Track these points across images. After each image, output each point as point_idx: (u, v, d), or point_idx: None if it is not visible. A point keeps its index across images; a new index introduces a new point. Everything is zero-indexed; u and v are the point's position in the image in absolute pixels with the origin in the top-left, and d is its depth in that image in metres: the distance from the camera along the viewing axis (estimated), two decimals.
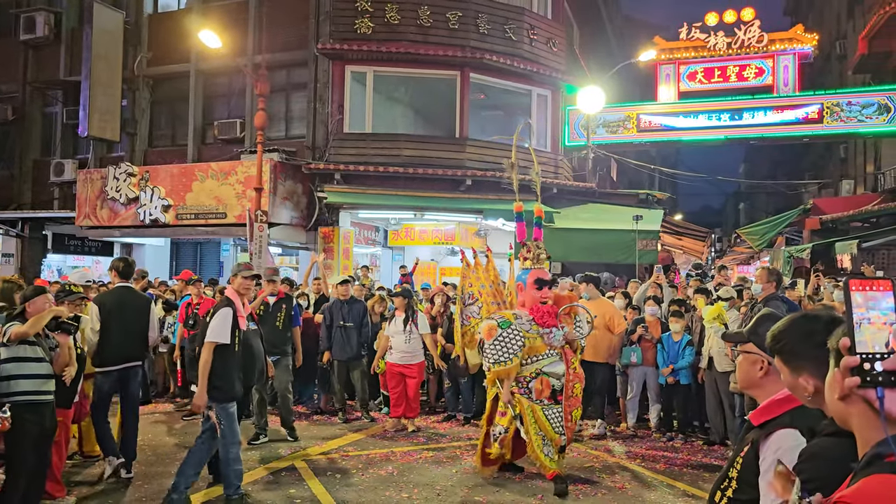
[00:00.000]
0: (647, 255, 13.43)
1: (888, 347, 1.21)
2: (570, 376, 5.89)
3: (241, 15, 15.80)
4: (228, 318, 5.55)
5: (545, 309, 5.97)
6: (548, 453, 5.81)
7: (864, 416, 1.37)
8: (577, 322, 6.29)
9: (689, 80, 17.90)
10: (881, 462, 1.27)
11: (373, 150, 14.63)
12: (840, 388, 1.38)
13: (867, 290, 1.26)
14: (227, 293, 5.83)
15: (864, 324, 1.24)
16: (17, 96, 17.97)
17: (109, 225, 15.06)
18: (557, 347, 5.97)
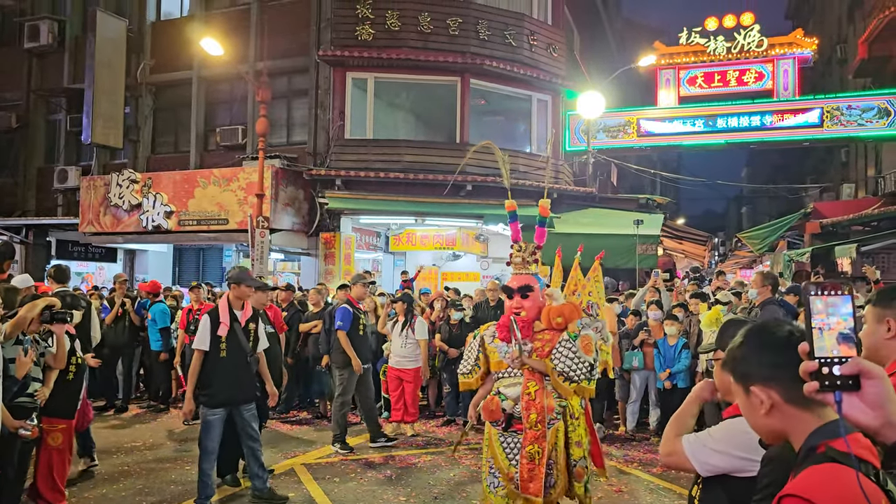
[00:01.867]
0: (648, 259, 13.47)
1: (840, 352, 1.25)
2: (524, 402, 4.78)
3: (243, 22, 15.91)
4: (206, 325, 5.59)
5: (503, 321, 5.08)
6: (491, 484, 4.82)
7: (789, 419, 1.45)
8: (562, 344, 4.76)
9: (690, 85, 17.95)
10: (814, 454, 1.34)
11: (374, 155, 14.71)
12: (763, 404, 1.46)
13: (827, 296, 1.29)
14: (220, 301, 5.86)
15: (824, 329, 1.27)
16: (20, 104, 18.11)
17: (112, 231, 15.15)
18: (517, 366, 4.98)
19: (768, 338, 1.53)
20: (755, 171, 46.32)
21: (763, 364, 1.51)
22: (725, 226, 52.86)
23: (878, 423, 1.25)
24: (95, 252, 17.23)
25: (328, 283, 13.21)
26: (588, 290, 5.32)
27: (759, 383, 1.51)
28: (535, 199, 15.84)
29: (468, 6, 15.30)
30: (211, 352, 5.52)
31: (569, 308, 4.86)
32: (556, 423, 4.74)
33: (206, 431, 5.56)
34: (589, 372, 4.69)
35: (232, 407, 5.68)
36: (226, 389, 5.58)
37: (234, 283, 5.81)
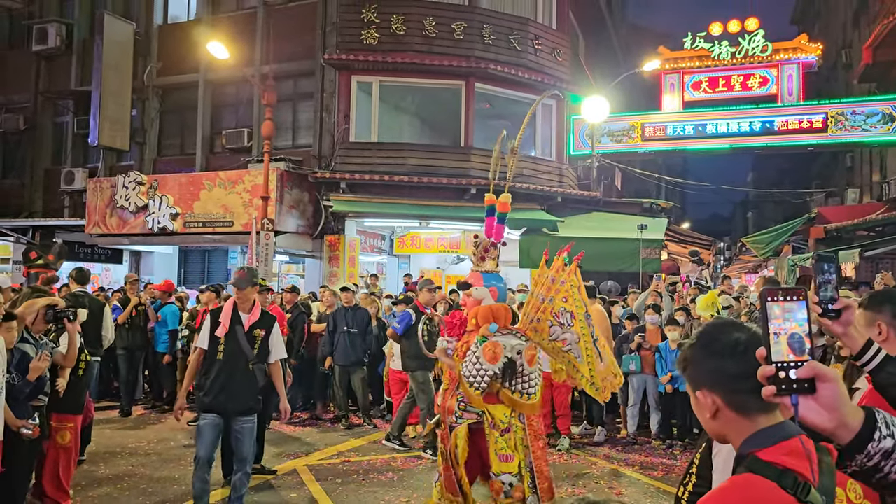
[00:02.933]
0: (651, 263, 13.49)
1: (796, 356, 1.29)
2: (444, 395, 4.70)
3: (249, 26, 16.01)
4: (207, 326, 5.44)
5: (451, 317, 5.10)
6: (436, 474, 4.78)
7: (729, 424, 1.50)
8: (472, 348, 4.68)
9: (694, 90, 17.98)
10: (742, 461, 1.41)
11: (378, 159, 14.78)
12: (708, 407, 1.50)
13: (784, 301, 1.33)
14: (227, 301, 5.70)
15: (780, 334, 1.31)
16: (28, 106, 18.24)
17: (118, 233, 15.24)
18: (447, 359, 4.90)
19: (715, 343, 1.55)
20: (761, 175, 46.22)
21: (708, 369, 1.54)
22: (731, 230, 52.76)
23: (833, 424, 1.29)
24: (101, 253, 17.33)
25: (332, 285, 13.28)
26: (563, 296, 4.76)
27: (704, 388, 1.54)
28: (539, 202, 15.94)
29: (473, 11, 15.37)
30: (209, 352, 5.33)
31: (484, 311, 4.69)
32: (456, 426, 4.61)
33: (197, 436, 5.32)
34: (507, 381, 4.39)
35: (224, 416, 5.27)
36: (216, 394, 5.23)
37: (239, 288, 5.48)
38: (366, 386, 9.29)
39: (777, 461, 1.37)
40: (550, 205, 15.54)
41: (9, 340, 4.79)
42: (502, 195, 5.25)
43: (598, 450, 8.08)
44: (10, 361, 4.71)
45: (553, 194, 15.65)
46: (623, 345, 8.64)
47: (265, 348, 5.47)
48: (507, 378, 4.50)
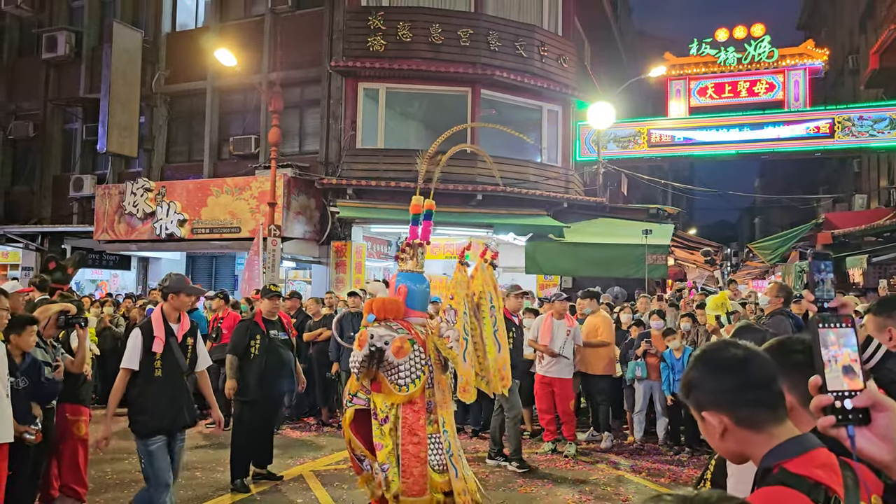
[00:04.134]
0: (657, 269, 13.47)
1: (851, 384, 1.23)
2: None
3: (257, 33, 16.11)
4: (137, 340, 4.85)
5: None
6: None
7: (743, 442, 1.49)
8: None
9: (700, 96, 17.99)
10: (769, 475, 1.39)
11: (385, 165, 14.82)
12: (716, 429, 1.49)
13: (838, 328, 1.28)
14: (153, 313, 5.11)
15: (835, 361, 1.25)
16: (38, 113, 18.38)
17: (126, 239, 15.33)
18: None
19: (715, 362, 1.54)
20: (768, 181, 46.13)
21: (712, 390, 1.52)
22: (738, 236, 52.64)
23: (891, 456, 1.23)
24: (109, 259, 17.42)
25: (339, 291, 13.31)
26: (450, 294, 4.96)
27: (709, 409, 1.52)
28: (546, 208, 15.95)
29: (479, 18, 15.42)
30: (143, 371, 4.81)
31: (368, 303, 4.87)
32: (348, 406, 4.73)
33: (149, 462, 4.82)
34: (356, 365, 4.53)
35: (169, 434, 4.93)
36: (163, 414, 4.87)
37: (173, 293, 5.03)
38: None
39: (809, 474, 1.34)
40: (556, 211, 15.54)
41: (28, 345, 4.87)
42: (414, 197, 5.48)
43: (604, 456, 8.07)
44: (20, 366, 4.78)
45: (559, 200, 15.66)
46: (629, 351, 8.64)
47: (195, 357, 5.18)
48: (375, 366, 4.57)
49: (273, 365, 6.70)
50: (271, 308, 6.93)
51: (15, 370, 4.74)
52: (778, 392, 1.53)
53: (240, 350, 6.71)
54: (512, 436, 7.46)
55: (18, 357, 4.83)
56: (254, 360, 6.66)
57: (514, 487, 6.71)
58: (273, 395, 6.84)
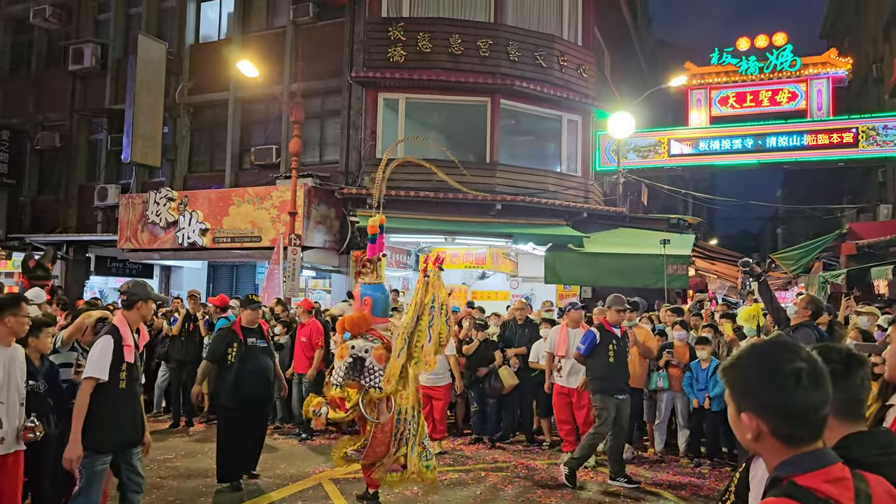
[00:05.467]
0: (678, 279, 13.38)
1: None
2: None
3: (278, 45, 16.29)
4: (108, 349, 4.54)
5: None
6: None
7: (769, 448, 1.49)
8: None
9: (721, 105, 17.88)
10: (778, 484, 1.39)
11: (404, 175, 14.86)
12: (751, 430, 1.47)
13: None
14: (116, 320, 4.84)
15: None
16: (64, 124, 18.70)
17: (149, 248, 15.51)
18: None
19: (775, 372, 1.50)
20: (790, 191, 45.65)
21: (762, 397, 1.50)
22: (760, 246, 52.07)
23: None
24: (132, 268, 17.62)
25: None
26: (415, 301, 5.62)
27: (751, 412, 1.50)
28: (565, 218, 15.90)
29: (498, 28, 15.47)
30: (109, 382, 4.51)
31: (340, 322, 5.69)
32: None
33: (89, 482, 4.50)
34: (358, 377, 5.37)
35: (120, 450, 4.71)
36: (123, 428, 4.64)
37: (142, 301, 4.81)
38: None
39: (818, 488, 1.34)
40: (576, 220, 15.50)
41: (45, 347, 4.96)
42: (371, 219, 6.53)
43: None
44: (40, 370, 4.87)
45: (578, 210, 15.62)
46: (650, 361, 8.57)
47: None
48: (357, 373, 5.38)
49: (250, 371, 6.79)
50: (252, 318, 7.11)
51: (35, 374, 4.83)
52: (825, 417, 1.50)
53: (216, 357, 6.93)
54: (613, 454, 7.22)
55: (37, 360, 4.92)
56: (230, 367, 6.84)
57: (534, 498, 6.68)
58: (251, 400, 6.85)
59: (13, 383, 4.30)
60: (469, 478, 7.38)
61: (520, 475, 7.54)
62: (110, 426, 4.52)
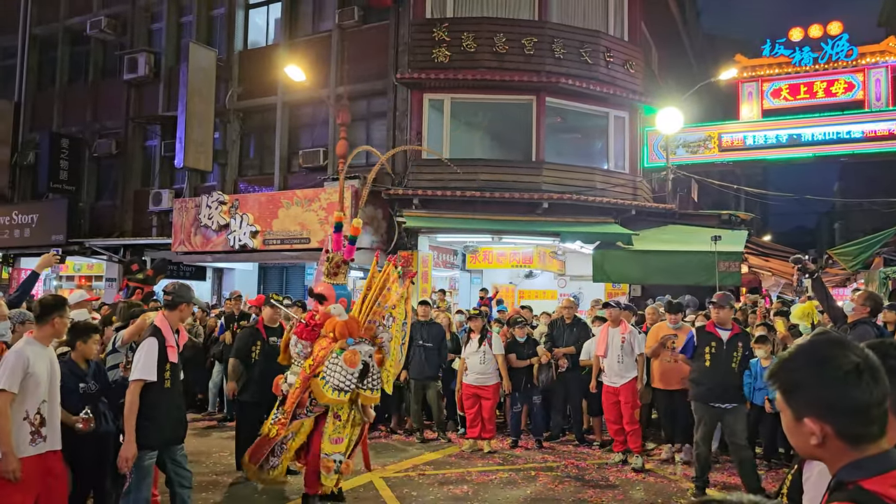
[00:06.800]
0: (730, 277, 13.07)
1: None
2: (291, 391, 5.73)
3: (325, 49, 16.49)
4: (154, 350, 4.73)
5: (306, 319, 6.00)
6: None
7: (834, 451, 1.42)
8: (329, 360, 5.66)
9: (774, 98, 17.42)
10: (843, 488, 1.34)
11: (450, 175, 14.90)
12: (816, 435, 1.41)
13: None
14: (157, 320, 4.97)
15: None
16: (120, 132, 19.27)
17: (202, 251, 15.86)
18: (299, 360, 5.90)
19: (831, 369, 1.43)
20: (848, 184, 44.22)
21: (823, 398, 1.43)
22: (816, 242, 50.57)
23: None
24: (186, 270, 18.06)
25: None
26: (392, 303, 5.80)
27: (813, 416, 1.43)
28: (613, 216, 15.71)
29: (543, 26, 15.38)
30: (155, 382, 4.70)
31: (340, 326, 5.53)
32: (303, 417, 5.62)
33: (139, 476, 4.73)
34: (360, 381, 5.41)
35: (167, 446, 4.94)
36: (169, 426, 4.89)
37: (185, 303, 5.08)
38: (440, 400, 9.36)
39: (885, 493, 1.30)
40: (624, 218, 15.30)
41: (91, 352, 5.15)
42: (354, 220, 6.73)
43: (676, 468, 7.87)
44: (88, 372, 5.06)
45: (627, 207, 15.42)
46: None
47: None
48: (362, 378, 5.48)
49: (271, 369, 6.91)
50: (272, 316, 7.49)
51: (84, 376, 5.02)
52: (885, 412, 1.45)
53: (241, 355, 7.33)
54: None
55: (84, 363, 5.10)
56: (254, 365, 7.24)
57: (585, 498, 6.62)
58: (271, 396, 6.98)
59: (55, 382, 4.44)
60: (519, 477, 7.36)
61: (570, 475, 7.49)
62: (156, 424, 4.71)
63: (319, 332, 5.77)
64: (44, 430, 4.27)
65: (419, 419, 9.37)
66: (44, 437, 4.27)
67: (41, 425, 4.25)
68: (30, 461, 4.13)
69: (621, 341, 7.94)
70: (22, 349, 4.21)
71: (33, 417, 4.20)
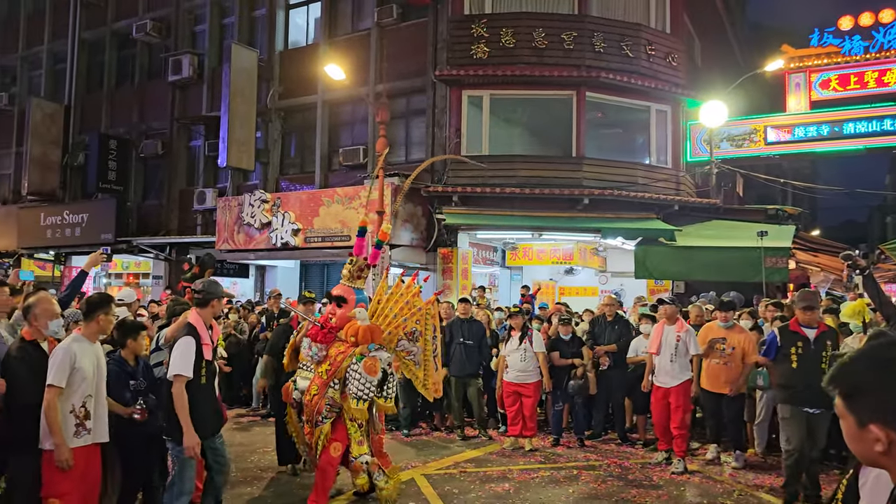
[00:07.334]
0: (777, 273, 12.76)
1: None
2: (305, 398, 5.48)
3: (364, 47, 16.59)
4: (191, 348, 4.86)
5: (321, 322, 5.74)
6: None
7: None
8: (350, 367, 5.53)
9: (822, 89, 16.93)
10: None
11: (490, 171, 14.85)
12: (882, 443, 1.35)
13: None
14: (191, 318, 5.08)
15: None
16: (166, 132, 19.70)
17: (245, 248, 16.12)
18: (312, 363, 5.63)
19: None
20: None
21: (890, 403, 1.37)
22: (868, 236, 49.14)
23: None
24: (230, 268, 18.35)
25: (446, 297, 13.43)
26: (416, 318, 5.82)
27: (879, 422, 1.38)
28: (655, 211, 15.50)
29: (583, 20, 15.22)
30: (193, 378, 4.86)
31: (363, 331, 5.39)
32: (321, 424, 5.51)
33: (181, 469, 4.92)
34: (378, 389, 5.40)
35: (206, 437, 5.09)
36: (207, 420, 5.05)
37: (216, 299, 5.19)
38: (481, 397, 9.34)
39: None
40: (667, 213, 15.07)
41: (140, 348, 5.29)
42: (384, 225, 6.65)
43: (723, 468, 7.72)
44: (137, 369, 5.19)
45: (669, 203, 15.18)
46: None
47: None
48: (381, 386, 5.48)
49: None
50: (306, 313, 7.46)
51: (134, 373, 5.14)
52: None
53: (276, 351, 7.36)
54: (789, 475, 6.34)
55: (133, 360, 5.22)
56: None
57: (628, 498, 6.54)
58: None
59: (101, 378, 4.59)
60: (561, 476, 7.30)
61: (613, 474, 7.40)
62: (195, 418, 4.85)
63: (335, 336, 5.59)
64: (88, 423, 4.42)
65: (460, 416, 9.37)
66: (88, 429, 4.42)
67: (86, 418, 4.41)
68: (75, 452, 4.29)
69: (676, 340, 7.68)
70: (69, 346, 4.37)
71: (78, 410, 4.37)
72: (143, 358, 5.44)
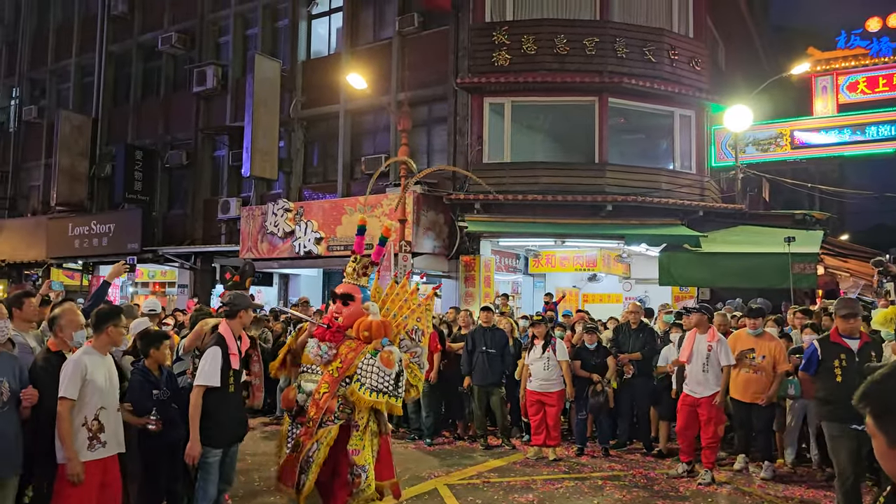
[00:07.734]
0: (805, 279, 12.57)
1: None
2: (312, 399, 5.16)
3: (385, 56, 16.65)
4: (218, 358, 5.06)
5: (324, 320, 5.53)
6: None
7: None
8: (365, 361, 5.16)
9: (850, 91, 16.65)
10: None
11: (512, 178, 14.81)
12: None
13: None
14: (221, 329, 5.29)
15: None
16: (190, 143, 19.92)
17: (269, 257, 16.21)
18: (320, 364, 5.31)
19: None
20: None
21: None
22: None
23: None
24: (254, 277, 18.46)
25: (468, 305, 13.40)
26: (416, 317, 5.66)
27: None
28: (680, 217, 15.32)
29: (605, 25, 15.13)
30: (220, 387, 5.06)
31: (377, 325, 5.22)
32: (330, 425, 5.12)
33: (205, 473, 5.14)
34: (395, 384, 5.08)
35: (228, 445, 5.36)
36: (232, 426, 5.31)
37: (243, 309, 5.40)
38: (504, 406, 9.28)
39: None
40: (691, 219, 14.89)
41: (164, 358, 5.31)
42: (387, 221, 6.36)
43: (751, 480, 7.57)
44: (161, 379, 5.21)
45: (694, 208, 15.00)
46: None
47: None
48: (397, 381, 5.16)
49: None
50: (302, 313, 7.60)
51: (158, 383, 5.17)
52: None
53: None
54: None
55: (156, 370, 5.25)
56: None
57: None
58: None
59: (114, 389, 4.59)
60: (586, 486, 7.21)
61: (638, 485, 7.30)
62: (221, 425, 5.07)
63: (344, 334, 5.44)
64: (102, 436, 4.42)
65: (483, 425, 9.31)
66: (103, 442, 4.43)
67: (99, 431, 4.41)
68: (89, 465, 4.29)
69: (707, 349, 7.47)
70: (80, 358, 4.37)
71: (91, 423, 4.37)
72: (166, 367, 5.47)
